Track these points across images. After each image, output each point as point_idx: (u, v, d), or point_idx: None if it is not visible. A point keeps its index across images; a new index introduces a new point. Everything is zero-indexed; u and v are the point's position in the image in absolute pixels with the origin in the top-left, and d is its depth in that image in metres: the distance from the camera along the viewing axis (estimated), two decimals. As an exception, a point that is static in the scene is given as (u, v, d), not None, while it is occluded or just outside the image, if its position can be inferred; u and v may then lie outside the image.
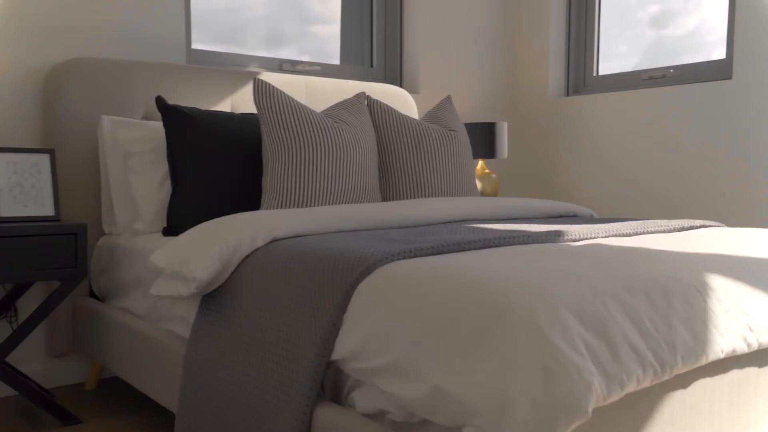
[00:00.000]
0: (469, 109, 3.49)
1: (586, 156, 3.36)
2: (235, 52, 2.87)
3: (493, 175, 3.18)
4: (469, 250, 1.46)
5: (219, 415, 1.44)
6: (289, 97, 2.16)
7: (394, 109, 2.51)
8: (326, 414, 1.24)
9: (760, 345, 1.27)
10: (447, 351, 1.06)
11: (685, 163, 2.97)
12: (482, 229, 1.70)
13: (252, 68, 2.90)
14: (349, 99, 2.38)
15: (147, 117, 2.38)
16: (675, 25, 3.26)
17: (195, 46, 2.78)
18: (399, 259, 1.34)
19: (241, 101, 2.56)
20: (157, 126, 2.27)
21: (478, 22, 3.48)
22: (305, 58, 3.12)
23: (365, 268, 1.29)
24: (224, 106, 2.52)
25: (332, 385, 1.30)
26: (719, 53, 2.99)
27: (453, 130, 2.56)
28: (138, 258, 2.00)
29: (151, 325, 1.91)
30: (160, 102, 2.16)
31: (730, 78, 2.87)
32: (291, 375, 1.30)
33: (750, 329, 1.26)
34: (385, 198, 2.41)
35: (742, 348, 1.23)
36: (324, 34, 3.24)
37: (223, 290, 1.57)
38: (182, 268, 1.58)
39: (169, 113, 2.15)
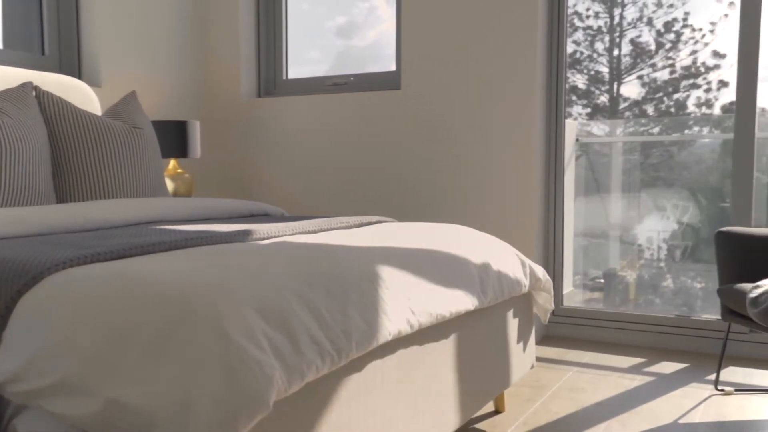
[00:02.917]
0: (158, 107, 3.34)
1: (278, 156, 3.46)
2: None
3: (186, 175, 3.10)
4: (154, 252, 1.41)
5: None
6: (-69, 81, 1.83)
7: (70, 103, 2.29)
8: (-18, 448, 1.08)
9: (420, 326, 1.44)
10: (125, 362, 1.00)
11: (366, 163, 3.25)
12: (170, 230, 1.65)
13: None
14: (13, 89, 2.11)
15: None
16: (359, 36, 3.55)
17: None
18: (72, 266, 1.23)
19: None
20: None
21: (166, 17, 3.36)
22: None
23: (30, 278, 1.16)
24: None
25: (-10, 414, 1.14)
26: (395, 65, 3.34)
27: (138, 128, 2.43)
28: None
29: None
30: None
31: (399, 88, 3.22)
32: (-65, 409, 1.10)
33: (412, 312, 1.42)
34: (61, 200, 2.19)
35: (406, 330, 1.39)
36: (-18, 11, 2.81)
37: None
38: None
39: None
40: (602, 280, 3.88)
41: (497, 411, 2.12)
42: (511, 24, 2.89)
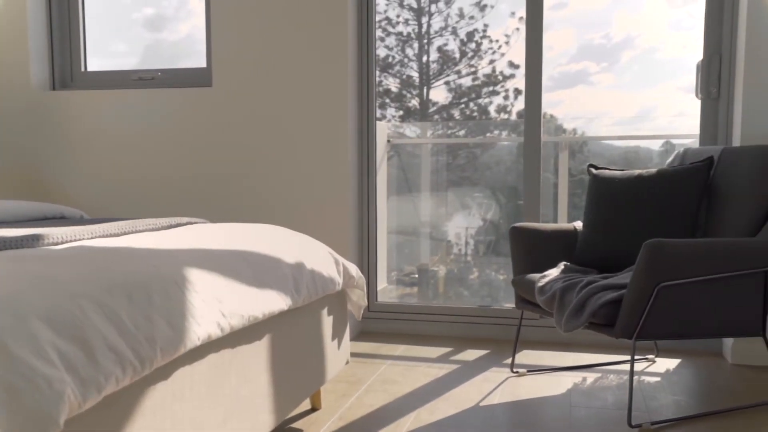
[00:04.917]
0: (-71, 96, 2.94)
1: (76, 154, 3.20)
2: None
3: (-35, 174, 2.76)
4: None
5: None
6: None
7: None
8: None
9: (232, 328, 1.41)
10: None
11: (175, 162, 3.11)
12: (-60, 236, 1.45)
13: None
14: None
15: None
16: (169, 30, 3.38)
17: None
18: None
19: None
20: None
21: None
22: None
23: None
24: None
25: None
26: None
27: None
28: None
29: None
30: None
31: (210, 85, 3.12)
32: None
33: (223, 315, 1.39)
34: None
35: (216, 333, 1.35)
36: None
37: None
38: None
39: None
40: (417, 275, 4.07)
41: (314, 408, 2.14)
42: (322, 25, 2.93)
